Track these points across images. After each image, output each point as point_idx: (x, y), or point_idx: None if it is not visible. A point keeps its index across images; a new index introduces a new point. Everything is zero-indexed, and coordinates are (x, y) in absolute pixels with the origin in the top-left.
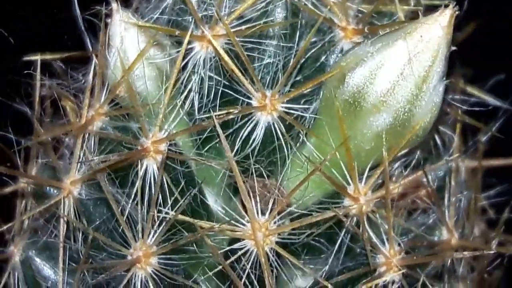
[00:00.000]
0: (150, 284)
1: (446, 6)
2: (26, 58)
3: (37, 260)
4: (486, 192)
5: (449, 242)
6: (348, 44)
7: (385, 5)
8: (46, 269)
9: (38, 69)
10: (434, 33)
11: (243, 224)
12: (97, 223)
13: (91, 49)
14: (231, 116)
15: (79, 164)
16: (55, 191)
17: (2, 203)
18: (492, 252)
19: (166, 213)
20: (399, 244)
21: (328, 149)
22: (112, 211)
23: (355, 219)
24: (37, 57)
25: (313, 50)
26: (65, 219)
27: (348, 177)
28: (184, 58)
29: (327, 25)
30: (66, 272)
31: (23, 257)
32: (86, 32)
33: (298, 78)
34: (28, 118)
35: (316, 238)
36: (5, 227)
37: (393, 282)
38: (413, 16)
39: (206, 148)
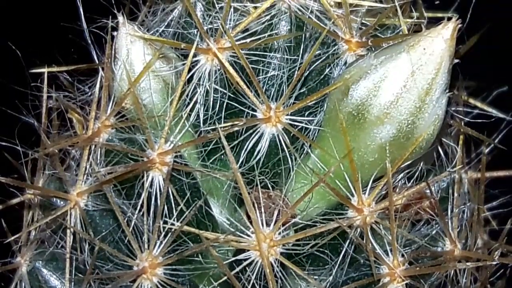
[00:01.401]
0: None
1: (449, 19)
2: (33, 71)
3: (44, 270)
4: (489, 203)
5: (452, 253)
6: (352, 56)
7: (388, 18)
8: (53, 280)
9: (45, 82)
10: (437, 46)
11: (248, 235)
12: (104, 234)
13: (97, 61)
14: (236, 128)
15: (85, 175)
16: (62, 203)
17: (9, 214)
18: (494, 263)
19: (172, 224)
20: (402, 255)
21: (332, 160)
22: (118, 222)
23: (359, 230)
24: (44, 70)
25: (317, 63)
26: (72, 230)
27: (352, 188)
28: (189, 70)
29: (331, 38)
30: (73, 283)
31: (30, 268)
32: (93, 45)
33: (302, 90)
34: (35, 130)
35: (321, 249)
36: (12, 238)
37: None
38: (416, 29)
39: (211, 160)
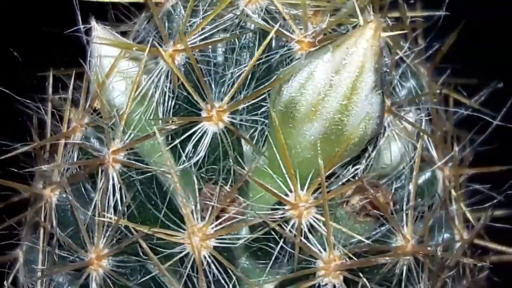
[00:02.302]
0: (103, 284)
1: (370, 21)
2: (39, 74)
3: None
4: (468, 200)
5: (402, 249)
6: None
7: (347, 19)
8: None
9: (50, 84)
10: (359, 45)
11: (183, 229)
12: (74, 227)
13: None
14: (173, 127)
15: (60, 172)
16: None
17: (17, 209)
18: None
19: (112, 218)
20: (342, 250)
21: (275, 158)
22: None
23: (296, 225)
24: (49, 73)
25: (271, 62)
26: (43, 224)
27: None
28: (150, 71)
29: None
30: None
31: (24, 259)
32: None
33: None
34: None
35: (268, 244)
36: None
37: (334, 286)
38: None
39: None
